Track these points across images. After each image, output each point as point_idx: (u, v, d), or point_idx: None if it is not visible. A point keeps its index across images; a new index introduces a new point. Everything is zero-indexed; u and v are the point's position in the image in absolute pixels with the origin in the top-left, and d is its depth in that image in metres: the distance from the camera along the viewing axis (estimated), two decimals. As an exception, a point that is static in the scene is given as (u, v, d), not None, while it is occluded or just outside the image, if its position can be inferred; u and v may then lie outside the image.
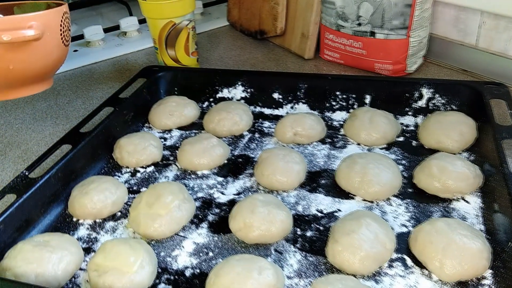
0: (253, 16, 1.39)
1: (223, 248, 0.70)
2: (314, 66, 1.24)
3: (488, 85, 0.89)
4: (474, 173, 0.74)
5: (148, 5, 1.12)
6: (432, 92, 0.92)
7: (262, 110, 1.03)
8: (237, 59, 1.32)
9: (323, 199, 0.77)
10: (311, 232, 0.71)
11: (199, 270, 0.66)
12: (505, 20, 1.02)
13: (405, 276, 0.63)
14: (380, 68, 1.13)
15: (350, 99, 0.97)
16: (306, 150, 0.89)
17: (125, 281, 0.61)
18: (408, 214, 0.73)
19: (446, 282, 0.61)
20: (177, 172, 0.87)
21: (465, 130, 0.83)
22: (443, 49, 1.16)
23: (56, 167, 0.78)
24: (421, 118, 0.93)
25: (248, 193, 0.80)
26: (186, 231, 0.73)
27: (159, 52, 1.19)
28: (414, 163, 0.82)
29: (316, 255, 0.67)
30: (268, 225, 0.68)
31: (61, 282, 0.64)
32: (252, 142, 0.93)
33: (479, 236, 0.63)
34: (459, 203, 0.74)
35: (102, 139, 0.89)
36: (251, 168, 0.86)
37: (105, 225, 0.75)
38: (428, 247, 0.62)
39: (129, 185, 0.84)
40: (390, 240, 0.65)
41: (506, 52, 1.04)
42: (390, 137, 0.88)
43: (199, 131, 0.98)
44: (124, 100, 0.97)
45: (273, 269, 0.61)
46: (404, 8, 1.04)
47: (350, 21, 1.12)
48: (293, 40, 1.30)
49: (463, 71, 1.13)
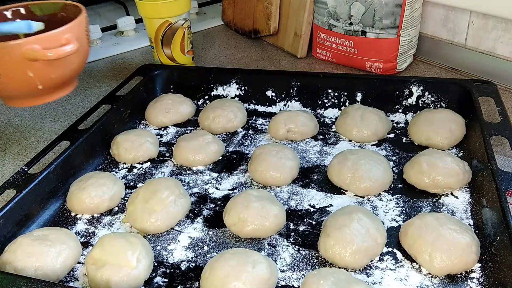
0: (247, 16, 1.40)
1: (217, 242, 0.71)
2: (307, 65, 1.25)
3: (477, 83, 0.90)
4: (463, 169, 0.75)
5: (145, 5, 1.13)
6: (422, 90, 0.94)
7: (256, 107, 1.04)
8: (231, 57, 1.33)
9: (316, 194, 0.78)
10: (304, 226, 0.72)
11: (194, 264, 0.67)
12: (493, 20, 1.03)
13: (396, 269, 0.64)
14: (371, 67, 1.14)
15: (342, 97, 0.98)
16: (299, 147, 0.90)
17: (122, 275, 0.62)
18: (398, 209, 0.74)
19: (436, 275, 0.62)
20: (173, 168, 0.87)
21: (454, 127, 0.85)
22: (432, 48, 1.17)
23: (55, 163, 0.79)
24: (411, 115, 0.94)
25: (242, 188, 0.81)
26: (182, 225, 0.74)
27: (156, 50, 1.20)
28: (404, 159, 0.84)
29: (309, 249, 0.68)
30: (262, 220, 0.69)
31: (59, 276, 0.65)
32: (246, 138, 0.94)
33: (467, 231, 0.64)
34: (448, 198, 0.75)
35: (100, 136, 0.90)
36: (245, 164, 0.87)
37: (102, 220, 0.76)
38: (418, 241, 0.63)
39: (126, 181, 0.85)
40: (381, 234, 0.66)
41: (494, 51, 1.05)
42: (381, 134, 0.89)
43: (194, 128, 0.99)
44: (121, 98, 0.98)
45: (267, 262, 0.61)
46: (395, 8, 1.05)
47: (342, 21, 1.13)
48: (286, 39, 1.31)
49: (452, 69, 1.15)
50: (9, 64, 0.78)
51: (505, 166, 0.77)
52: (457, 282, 0.61)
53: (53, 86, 0.85)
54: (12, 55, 0.77)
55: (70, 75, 0.87)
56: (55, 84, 0.85)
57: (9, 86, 0.82)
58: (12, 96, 0.86)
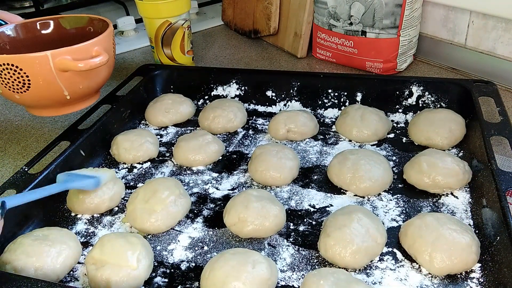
0: (247, 16, 1.40)
1: (217, 242, 0.71)
2: (307, 65, 1.25)
3: (477, 83, 0.91)
4: (463, 169, 0.75)
5: (145, 5, 1.13)
6: (422, 90, 0.94)
7: (256, 107, 1.04)
8: (231, 57, 1.33)
9: (316, 194, 0.78)
10: (304, 226, 0.72)
11: (194, 264, 0.67)
12: (493, 20, 1.03)
13: (396, 269, 0.64)
14: (371, 67, 1.14)
15: (342, 97, 0.98)
16: (299, 147, 0.90)
17: (122, 275, 0.62)
18: (398, 209, 0.74)
19: (436, 275, 0.62)
20: (173, 168, 0.87)
21: (454, 127, 0.85)
22: (432, 48, 1.17)
23: (55, 163, 0.79)
24: (411, 115, 0.94)
25: (242, 188, 0.81)
26: (182, 225, 0.74)
27: (156, 50, 1.20)
28: (404, 159, 0.84)
29: (309, 249, 0.68)
30: (262, 220, 0.69)
31: (59, 276, 0.65)
32: (246, 138, 0.94)
33: (467, 231, 0.64)
34: (448, 198, 0.75)
35: (100, 136, 0.90)
36: (245, 164, 0.87)
37: (102, 220, 0.76)
38: (418, 241, 0.63)
39: (126, 181, 0.85)
40: (380, 234, 0.66)
41: (494, 51, 1.06)
42: (381, 134, 0.89)
43: (194, 128, 0.99)
44: (121, 98, 0.98)
45: (267, 262, 0.61)
46: (395, 8, 1.05)
47: (342, 21, 1.13)
48: (286, 39, 1.31)
49: (452, 69, 1.15)
50: (41, 74, 0.81)
51: (505, 166, 0.77)
52: (457, 282, 0.61)
53: (79, 97, 0.89)
54: (44, 65, 0.80)
55: (97, 86, 0.91)
56: (81, 94, 0.89)
57: (39, 95, 0.85)
58: (39, 106, 0.89)
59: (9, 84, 0.82)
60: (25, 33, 0.96)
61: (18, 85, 0.82)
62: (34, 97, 0.85)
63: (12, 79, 0.81)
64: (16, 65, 0.80)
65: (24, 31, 0.96)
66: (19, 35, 0.95)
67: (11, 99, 0.87)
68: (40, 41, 0.96)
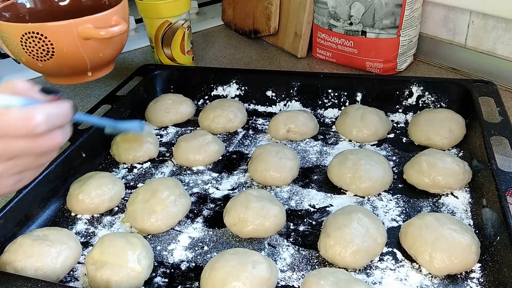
0: (247, 16, 1.40)
1: (218, 242, 0.71)
2: (307, 65, 1.25)
3: (477, 83, 0.90)
4: (463, 169, 0.75)
5: (145, 5, 1.13)
6: (422, 90, 0.94)
7: (256, 107, 1.04)
8: (231, 57, 1.33)
9: (316, 194, 0.78)
10: (304, 226, 0.72)
11: (194, 264, 0.67)
12: (493, 20, 1.03)
13: (396, 269, 0.64)
14: (371, 67, 1.14)
15: (342, 97, 0.98)
16: (299, 147, 0.90)
17: (122, 275, 0.62)
18: (398, 209, 0.74)
19: (436, 275, 0.62)
20: (173, 168, 0.87)
21: (454, 127, 0.85)
22: (432, 48, 1.17)
23: (55, 163, 0.78)
24: (411, 115, 0.94)
25: (242, 188, 0.81)
26: (182, 225, 0.74)
27: (156, 50, 1.20)
28: (404, 159, 0.84)
29: (309, 249, 0.68)
30: (262, 220, 0.69)
31: (59, 276, 0.65)
32: (246, 138, 0.94)
33: (467, 231, 0.64)
34: (448, 198, 0.75)
35: (100, 136, 0.89)
36: (245, 164, 0.87)
37: (102, 220, 0.76)
38: (418, 241, 0.63)
39: (126, 181, 0.85)
40: (381, 234, 0.66)
41: (494, 51, 1.06)
42: (381, 134, 0.89)
43: (194, 128, 0.99)
44: (121, 98, 0.98)
45: (267, 262, 0.61)
46: (395, 8, 1.05)
47: (342, 21, 1.13)
48: (286, 39, 1.31)
49: (452, 69, 1.15)
50: (65, 42, 0.84)
51: (505, 166, 0.77)
52: (457, 282, 0.61)
53: (98, 66, 0.92)
54: (69, 33, 0.83)
55: (113, 55, 0.94)
56: (100, 63, 0.92)
57: (61, 63, 0.87)
58: (59, 74, 0.92)
59: (33, 52, 0.84)
60: (43, 4, 0.99)
61: (42, 53, 0.84)
62: (56, 65, 0.87)
63: (36, 47, 0.83)
64: (41, 33, 0.82)
65: (41, 2, 0.98)
66: (37, 6, 0.98)
67: (33, 68, 0.89)
68: (57, 12, 0.98)
